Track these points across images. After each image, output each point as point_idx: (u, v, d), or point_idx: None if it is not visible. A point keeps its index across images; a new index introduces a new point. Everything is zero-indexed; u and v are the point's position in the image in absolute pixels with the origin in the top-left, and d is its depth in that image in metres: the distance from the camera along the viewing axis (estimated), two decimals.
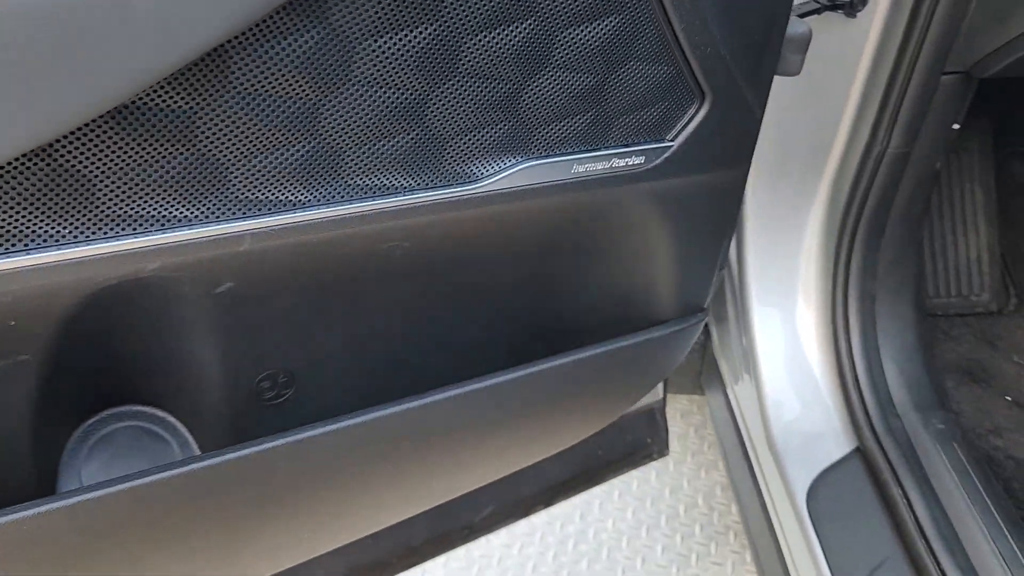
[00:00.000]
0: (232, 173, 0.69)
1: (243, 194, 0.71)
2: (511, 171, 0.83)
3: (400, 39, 0.69)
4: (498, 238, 0.94)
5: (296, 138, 0.70)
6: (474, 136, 0.79)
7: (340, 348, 0.99)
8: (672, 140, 0.92)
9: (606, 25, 0.79)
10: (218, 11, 0.59)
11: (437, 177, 0.79)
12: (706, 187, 1.00)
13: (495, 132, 0.80)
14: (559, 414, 1.18)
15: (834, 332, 1.35)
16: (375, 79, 0.70)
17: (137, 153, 0.64)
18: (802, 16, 1.15)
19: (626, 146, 0.90)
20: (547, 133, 0.83)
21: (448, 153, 0.79)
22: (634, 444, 1.59)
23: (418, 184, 0.79)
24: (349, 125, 0.72)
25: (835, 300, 1.35)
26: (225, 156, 0.68)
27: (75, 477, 0.95)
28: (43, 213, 0.64)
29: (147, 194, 0.67)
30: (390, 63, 0.70)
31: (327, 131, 0.71)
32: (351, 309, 0.95)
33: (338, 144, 0.72)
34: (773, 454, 1.37)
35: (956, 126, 1.29)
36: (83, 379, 0.89)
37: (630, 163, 0.91)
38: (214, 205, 0.70)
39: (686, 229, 1.03)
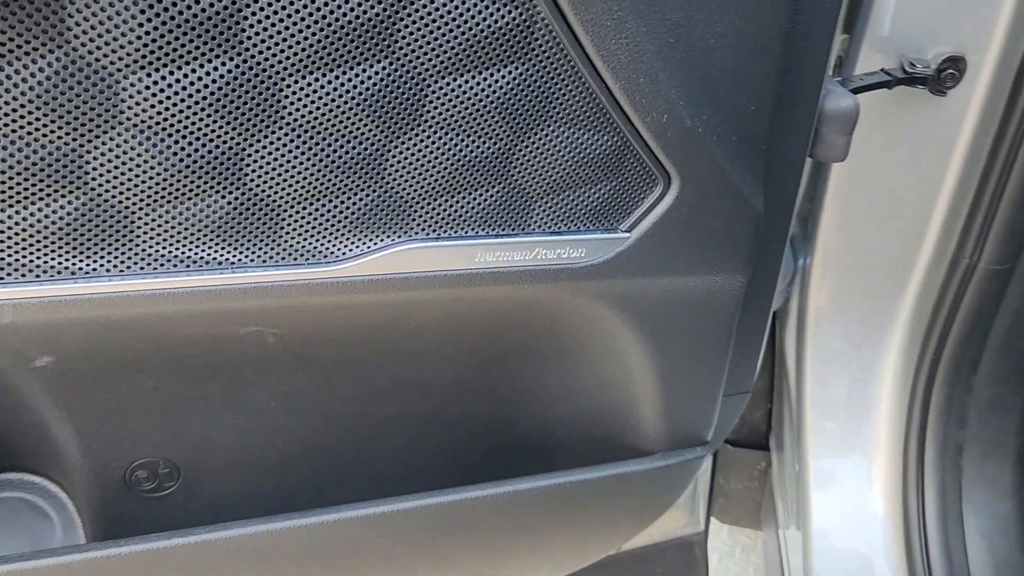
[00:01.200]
0: None
1: None
2: (383, 252, 0.65)
3: (183, 77, 0.54)
4: (398, 333, 0.76)
5: (55, 191, 0.55)
6: (322, 205, 0.62)
7: (233, 443, 0.85)
8: (628, 231, 0.72)
9: (503, 76, 0.61)
10: None
11: (276, 253, 0.63)
12: (688, 294, 0.78)
13: (353, 203, 0.63)
14: (522, 545, 0.98)
15: (904, 488, 1.07)
16: (156, 125, 0.55)
17: None
18: (862, 89, 0.91)
19: (557, 234, 0.70)
20: (433, 209, 0.65)
21: (287, 224, 0.62)
22: None
23: (250, 260, 0.63)
24: (128, 180, 0.57)
25: (908, 448, 1.07)
26: None
27: None
28: None
29: None
30: (174, 108, 0.54)
31: (100, 186, 0.56)
32: (236, 401, 0.81)
33: (119, 203, 0.57)
34: None
35: None
36: None
37: (566, 255, 0.71)
38: None
39: (666, 345, 0.81)
